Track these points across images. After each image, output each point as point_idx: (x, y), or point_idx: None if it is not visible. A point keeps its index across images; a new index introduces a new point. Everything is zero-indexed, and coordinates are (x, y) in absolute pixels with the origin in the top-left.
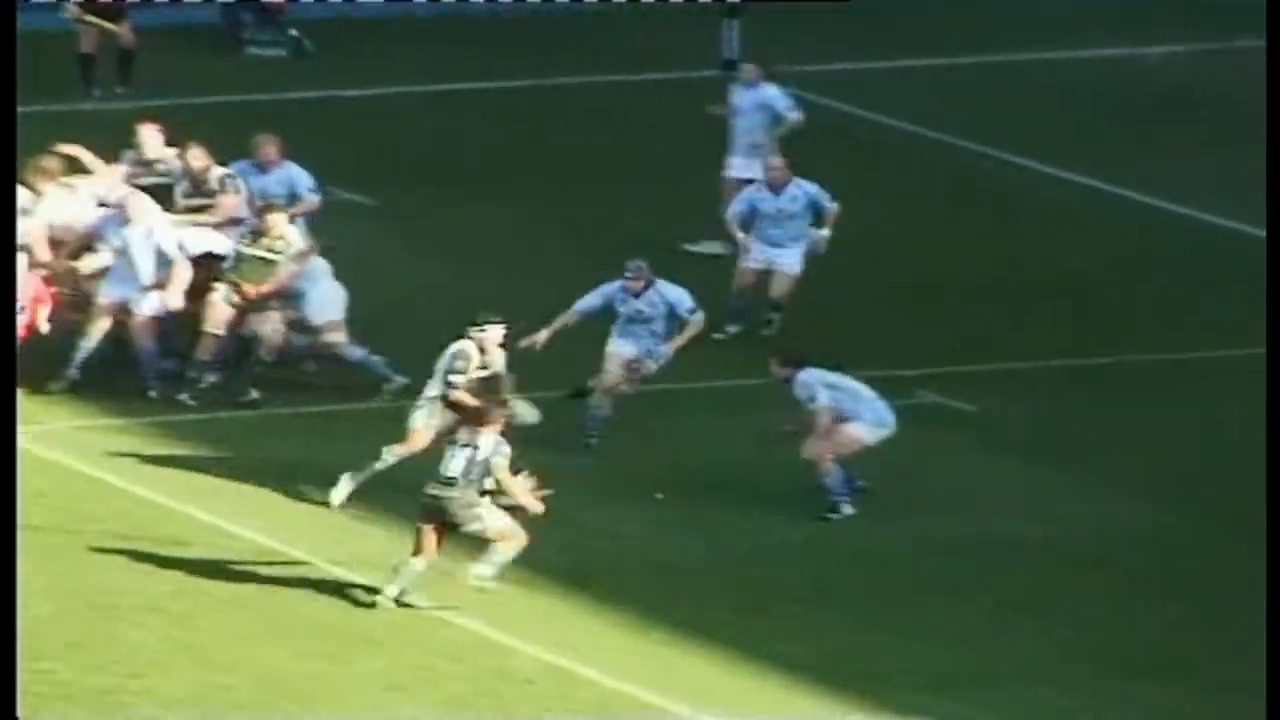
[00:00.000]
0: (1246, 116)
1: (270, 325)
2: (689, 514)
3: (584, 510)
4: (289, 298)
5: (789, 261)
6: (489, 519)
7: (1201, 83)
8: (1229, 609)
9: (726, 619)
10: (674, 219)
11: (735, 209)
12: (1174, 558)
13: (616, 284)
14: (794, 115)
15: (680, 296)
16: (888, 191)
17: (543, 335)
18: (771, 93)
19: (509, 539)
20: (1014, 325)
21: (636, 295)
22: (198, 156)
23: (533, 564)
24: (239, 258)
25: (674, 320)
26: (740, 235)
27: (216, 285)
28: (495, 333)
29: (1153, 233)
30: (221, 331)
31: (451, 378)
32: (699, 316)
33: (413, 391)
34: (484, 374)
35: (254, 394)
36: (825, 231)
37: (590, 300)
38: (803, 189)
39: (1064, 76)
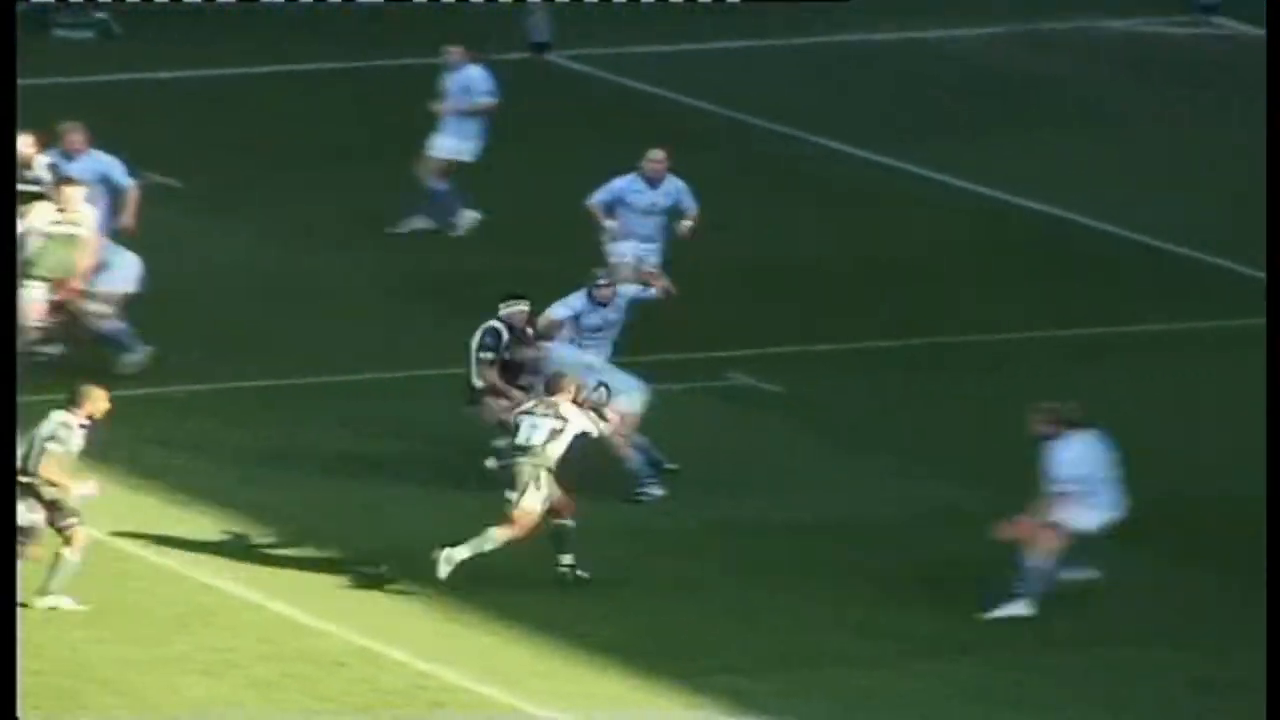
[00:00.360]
0: (1056, 99)
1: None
2: (499, 497)
3: (393, 494)
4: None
5: (653, 260)
6: (528, 500)
7: (1013, 66)
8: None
9: (537, 601)
10: (491, 198)
11: (599, 198)
12: (984, 540)
13: (580, 295)
14: (485, 100)
15: (636, 291)
16: (705, 175)
17: None
18: (474, 75)
19: (510, 528)
20: (829, 308)
21: (604, 304)
22: (25, 144)
23: (342, 547)
24: (47, 236)
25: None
26: (609, 223)
27: (29, 282)
28: (520, 309)
29: (969, 216)
30: (40, 323)
31: (483, 355)
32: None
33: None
34: (528, 353)
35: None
36: (688, 222)
37: (559, 314)
38: (676, 185)
39: (881, 61)
